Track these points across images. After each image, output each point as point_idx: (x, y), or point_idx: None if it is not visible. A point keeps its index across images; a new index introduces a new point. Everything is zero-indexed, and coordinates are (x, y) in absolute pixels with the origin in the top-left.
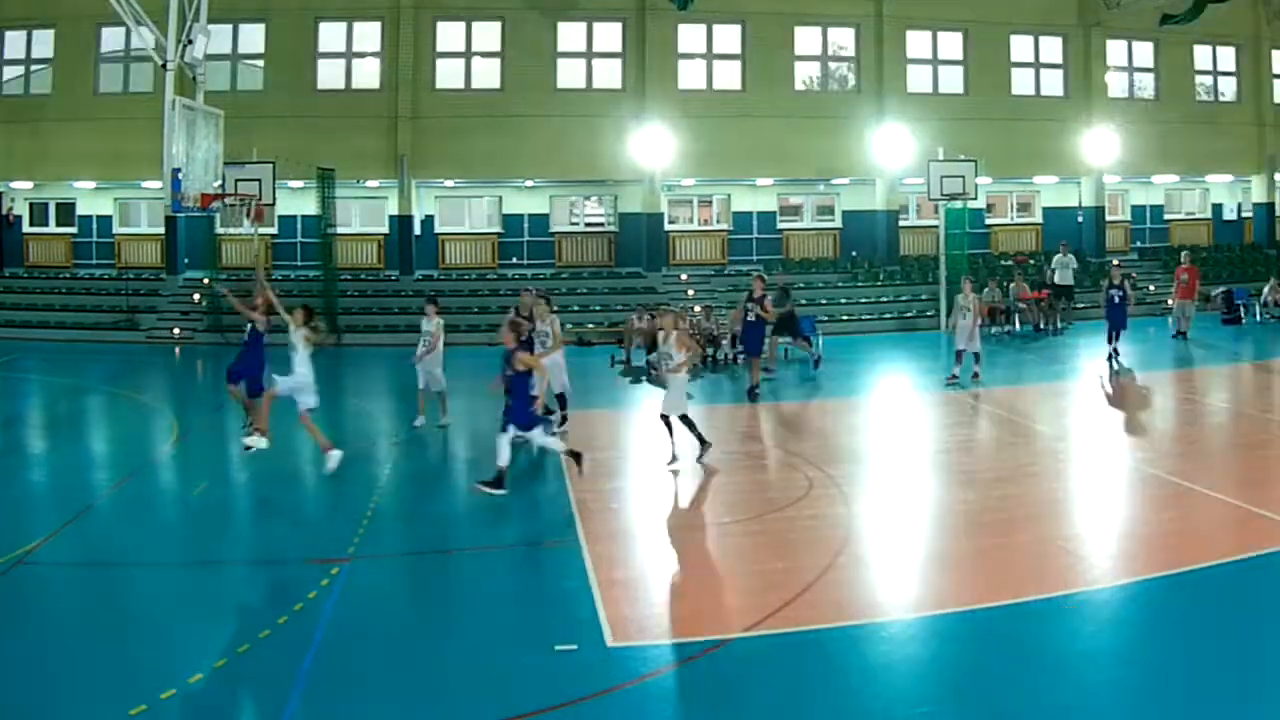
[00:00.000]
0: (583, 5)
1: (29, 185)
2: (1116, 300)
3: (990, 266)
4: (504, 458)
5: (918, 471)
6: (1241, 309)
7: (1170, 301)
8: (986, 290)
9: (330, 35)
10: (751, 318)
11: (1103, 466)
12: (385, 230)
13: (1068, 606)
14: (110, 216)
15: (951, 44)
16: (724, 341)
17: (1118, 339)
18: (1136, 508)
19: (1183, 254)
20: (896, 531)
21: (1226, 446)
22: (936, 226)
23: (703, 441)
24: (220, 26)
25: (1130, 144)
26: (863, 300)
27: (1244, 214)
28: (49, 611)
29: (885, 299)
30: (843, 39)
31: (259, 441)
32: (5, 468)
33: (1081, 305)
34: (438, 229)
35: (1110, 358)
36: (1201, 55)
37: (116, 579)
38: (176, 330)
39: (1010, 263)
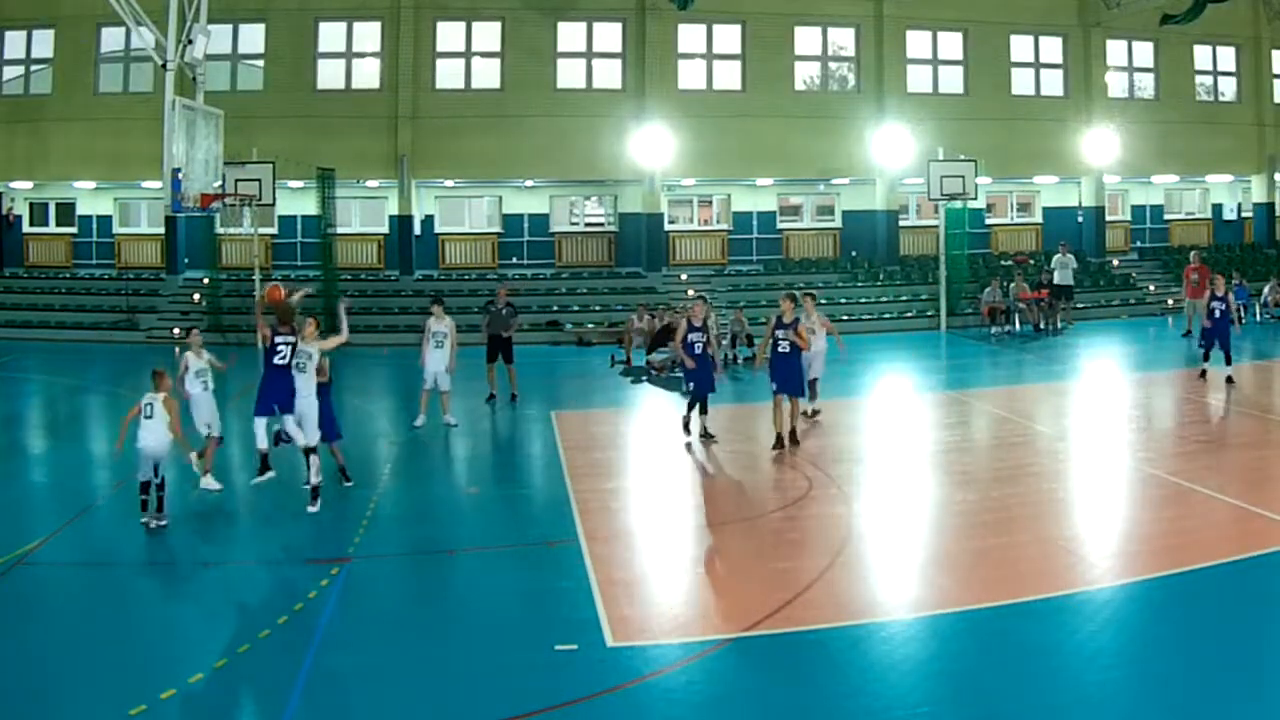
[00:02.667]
0: (583, 5)
1: (29, 185)
2: (1217, 314)
3: (990, 266)
4: None
5: (918, 471)
6: (1241, 309)
7: (1171, 301)
8: (988, 290)
9: (330, 35)
10: (784, 347)
11: (1103, 466)
12: (385, 230)
13: (1068, 606)
14: (110, 216)
15: (951, 44)
16: (724, 342)
17: (1228, 361)
18: (1136, 508)
19: (1192, 253)
20: (896, 531)
21: (1227, 446)
22: (936, 226)
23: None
24: (220, 26)
25: (1130, 144)
26: (863, 300)
27: (1244, 214)
28: (49, 611)
29: (885, 299)
30: (843, 39)
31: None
32: (5, 468)
33: (1081, 305)
34: (438, 229)
35: (1203, 375)
36: (1201, 55)
37: (116, 579)
38: (176, 330)
39: (1010, 263)
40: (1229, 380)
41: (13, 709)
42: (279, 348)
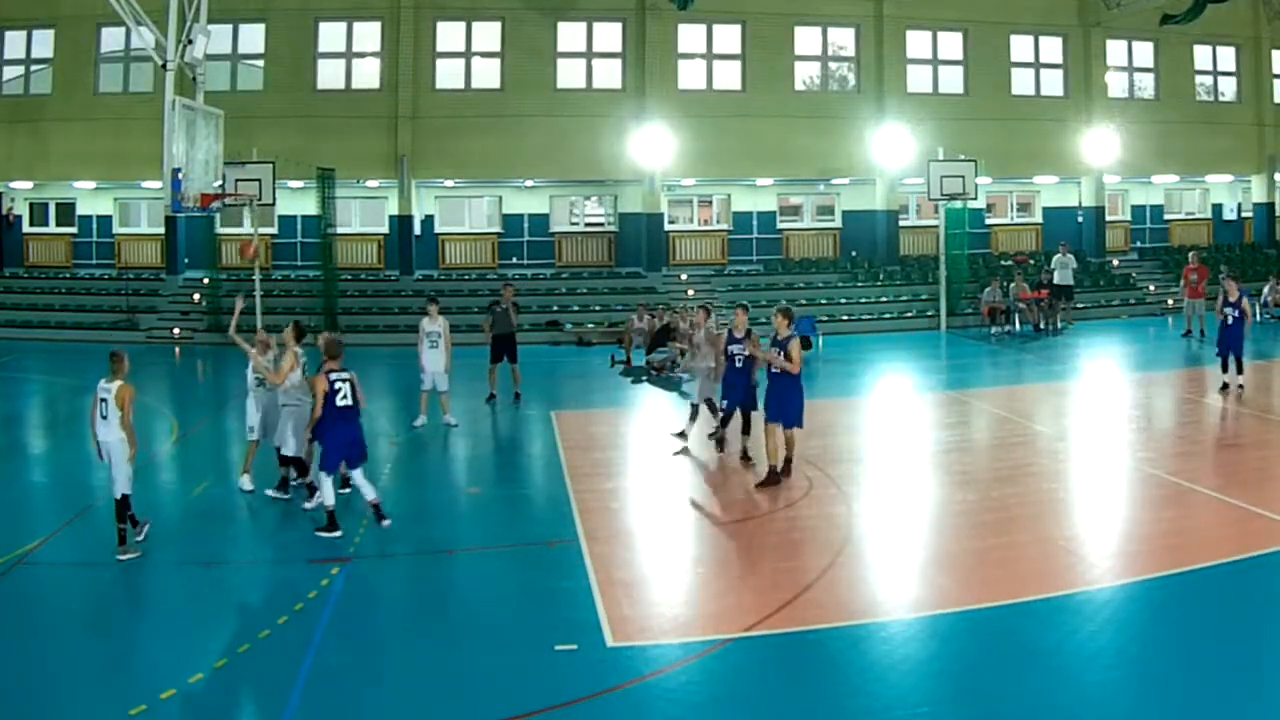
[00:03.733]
0: (583, 5)
1: (29, 185)
2: (1230, 321)
3: (990, 266)
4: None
5: (918, 471)
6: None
7: (1171, 301)
8: (988, 290)
9: (330, 35)
10: (776, 369)
11: (1103, 466)
12: (385, 230)
13: (1068, 606)
14: (110, 216)
15: (951, 44)
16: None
17: (1240, 369)
18: (1136, 508)
19: (1191, 254)
20: (896, 531)
21: (1227, 446)
22: (936, 226)
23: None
24: (220, 26)
25: (1130, 144)
26: (863, 300)
27: (1244, 214)
28: (49, 611)
29: (885, 299)
30: (843, 39)
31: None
32: (5, 468)
33: (1081, 305)
34: (438, 229)
35: (1224, 389)
36: (1201, 55)
37: (116, 579)
38: (176, 330)
39: (1010, 263)
40: (1239, 386)
41: (13, 709)
42: (337, 386)
